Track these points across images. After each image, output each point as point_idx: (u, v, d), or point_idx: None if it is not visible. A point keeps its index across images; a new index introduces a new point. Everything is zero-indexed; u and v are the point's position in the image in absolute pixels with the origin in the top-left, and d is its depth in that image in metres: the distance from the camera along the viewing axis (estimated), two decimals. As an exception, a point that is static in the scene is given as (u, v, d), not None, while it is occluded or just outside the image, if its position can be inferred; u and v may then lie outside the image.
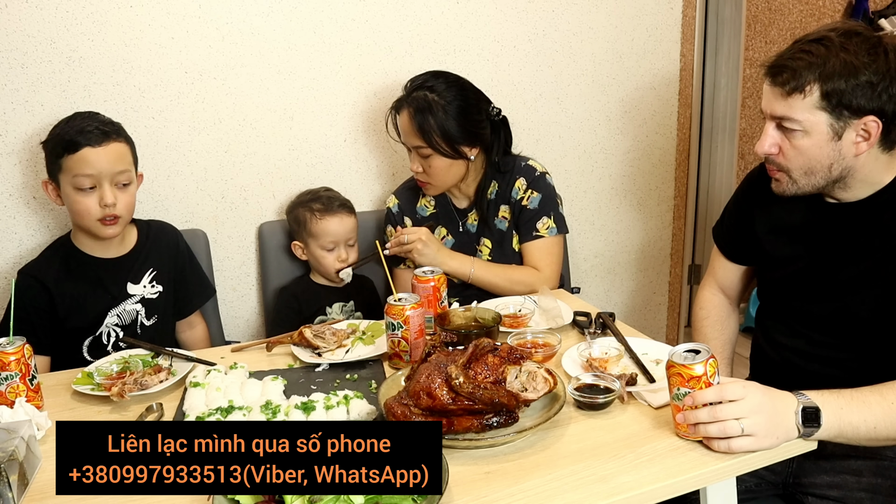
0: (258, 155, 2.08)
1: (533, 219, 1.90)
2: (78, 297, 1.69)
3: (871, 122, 1.24)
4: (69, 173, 1.60)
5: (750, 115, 2.94)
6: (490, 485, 1.03)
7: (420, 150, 1.84)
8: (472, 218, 1.98)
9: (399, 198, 2.03)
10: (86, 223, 1.64)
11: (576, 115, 2.45)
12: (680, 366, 1.08)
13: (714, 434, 1.07)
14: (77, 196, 1.61)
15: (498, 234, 1.95)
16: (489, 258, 1.95)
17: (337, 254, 1.94)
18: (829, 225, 1.40)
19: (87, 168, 1.59)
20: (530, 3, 2.28)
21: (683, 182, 2.71)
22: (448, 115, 1.80)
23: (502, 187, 1.94)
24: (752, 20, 2.83)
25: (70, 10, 1.81)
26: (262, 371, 1.48)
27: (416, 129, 1.81)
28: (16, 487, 1.02)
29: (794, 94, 1.25)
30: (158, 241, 1.81)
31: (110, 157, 1.61)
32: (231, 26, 1.96)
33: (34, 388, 1.31)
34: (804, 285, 1.43)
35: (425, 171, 1.86)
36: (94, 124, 1.62)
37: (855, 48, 1.22)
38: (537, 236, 1.91)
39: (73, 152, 1.58)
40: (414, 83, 1.85)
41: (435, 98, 1.80)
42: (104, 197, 1.60)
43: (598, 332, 1.56)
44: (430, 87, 1.82)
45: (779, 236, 1.48)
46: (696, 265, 3.00)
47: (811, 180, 1.32)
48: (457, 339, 1.41)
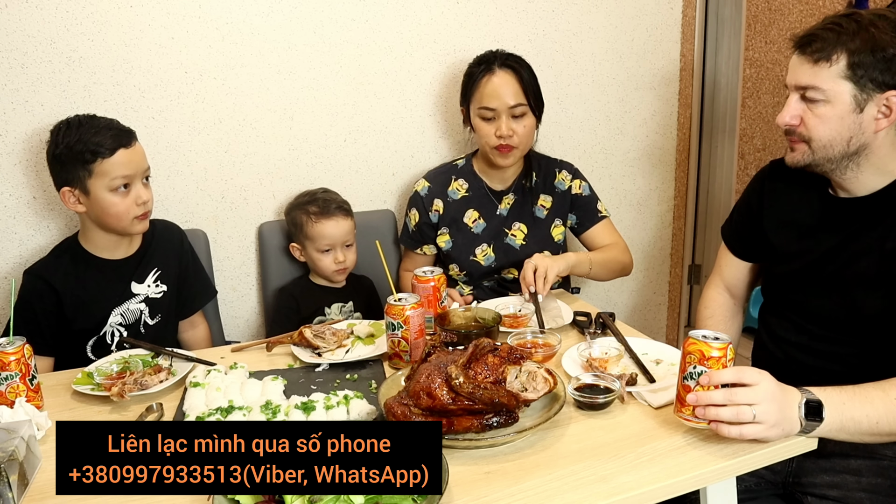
0: (258, 155, 2.08)
1: (590, 203, 2.03)
2: (84, 298, 1.68)
3: (894, 97, 1.27)
4: (105, 177, 1.60)
5: (750, 115, 2.94)
6: (490, 485, 1.03)
7: (516, 108, 1.88)
8: (507, 202, 2.01)
9: (430, 181, 2.05)
10: (122, 223, 1.65)
11: (576, 115, 2.45)
12: (701, 342, 1.09)
13: (727, 418, 1.07)
14: (114, 198, 1.62)
15: (534, 221, 2.01)
16: (523, 242, 1.99)
17: (334, 255, 1.94)
18: (837, 220, 1.41)
19: (125, 169, 1.62)
20: (530, 3, 2.28)
21: (683, 182, 2.71)
22: (534, 79, 1.92)
23: (541, 177, 2.02)
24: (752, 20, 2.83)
25: (70, 10, 1.81)
26: (262, 371, 1.48)
27: (520, 85, 1.88)
28: (16, 487, 1.02)
29: (822, 62, 1.28)
30: (163, 241, 1.82)
31: (141, 155, 1.67)
32: (231, 26, 1.96)
33: (34, 388, 1.31)
34: (810, 281, 1.44)
35: (515, 134, 1.89)
36: (116, 129, 1.64)
37: (883, 26, 1.26)
38: (602, 217, 2.04)
39: (107, 156, 1.59)
40: (500, 53, 1.93)
41: (522, 65, 1.91)
42: (140, 195, 1.64)
43: (598, 332, 1.56)
44: (515, 57, 1.92)
45: (787, 231, 1.49)
46: (696, 265, 3.00)
47: (827, 152, 1.34)
48: (457, 339, 1.41)
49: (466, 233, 2.01)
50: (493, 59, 1.91)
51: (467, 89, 1.94)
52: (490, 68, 1.89)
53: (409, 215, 2.07)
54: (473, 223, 2.01)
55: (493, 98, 1.87)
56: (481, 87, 1.89)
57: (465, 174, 2.04)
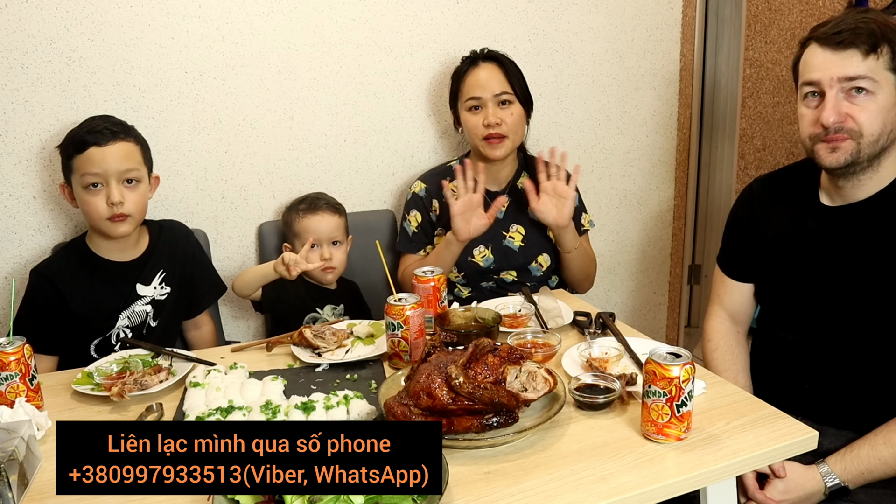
0: (258, 155, 2.08)
1: (577, 215, 2.00)
2: (90, 299, 1.68)
3: None
4: (78, 173, 1.63)
5: (750, 115, 2.94)
6: (490, 485, 1.03)
7: (502, 95, 1.92)
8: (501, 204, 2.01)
9: (427, 182, 2.07)
10: (96, 223, 1.66)
11: (576, 115, 2.45)
12: (656, 364, 1.08)
13: None
14: (86, 196, 1.63)
15: (531, 222, 2.02)
16: (522, 244, 2.01)
17: (319, 252, 1.93)
18: (832, 229, 1.41)
19: (93, 167, 1.61)
20: (530, 3, 2.28)
21: (683, 182, 2.71)
22: (519, 72, 1.96)
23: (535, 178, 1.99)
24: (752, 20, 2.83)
25: (70, 10, 1.81)
26: (262, 371, 1.48)
27: (503, 74, 1.92)
28: (16, 487, 1.02)
29: (871, 54, 1.28)
30: (169, 242, 1.82)
31: (116, 156, 1.63)
32: (231, 26, 1.96)
33: (34, 388, 1.31)
34: (809, 289, 1.44)
35: (503, 122, 1.91)
36: (103, 125, 1.65)
37: None
38: (584, 231, 2.07)
39: (81, 152, 1.61)
40: (482, 49, 2.00)
41: (506, 58, 1.97)
42: (111, 195, 1.62)
43: (598, 332, 1.56)
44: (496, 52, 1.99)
45: (783, 244, 1.48)
46: (696, 265, 3.00)
47: (874, 147, 1.32)
48: (457, 339, 1.41)
49: None
50: (476, 55, 1.98)
51: (455, 87, 2.01)
52: (475, 62, 1.97)
53: (409, 218, 2.06)
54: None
55: (478, 87, 1.93)
56: (467, 80, 1.96)
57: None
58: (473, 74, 1.95)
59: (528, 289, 1.85)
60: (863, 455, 1.30)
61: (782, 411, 1.20)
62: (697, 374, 1.16)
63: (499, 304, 1.70)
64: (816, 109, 1.34)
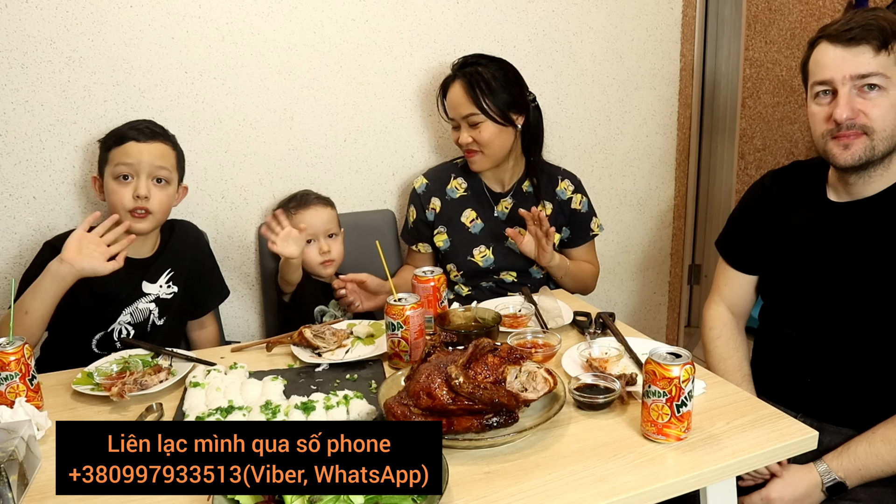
0: (258, 155, 2.08)
1: (586, 221, 2.05)
2: (95, 290, 1.67)
3: None
4: (112, 163, 1.68)
5: (750, 115, 2.94)
6: (490, 485, 1.03)
7: (470, 118, 1.90)
8: (504, 205, 2.02)
9: (428, 178, 2.07)
10: (119, 214, 1.66)
11: (576, 115, 2.45)
12: (656, 364, 1.08)
13: None
14: (114, 185, 1.67)
15: None
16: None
17: (318, 246, 1.93)
18: (838, 224, 1.42)
19: (128, 158, 1.66)
20: (530, 3, 2.28)
21: (683, 182, 2.71)
22: (496, 81, 1.91)
23: (543, 183, 2.02)
24: (752, 20, 2.83)
25: (70, 10, 1.81)
26: (262, 371, 1.48)
27: (468, 95, 1.90)
28: (16, 487, 1.02)
29: (882, 51, 1.29)
30: (180, 242, 1.83)
31: (152, 153, 1.68)
32: (231, 26, 1.96)
33: (34, 388, 1.31)
34: (813, 285, 1.44)
35: (475, 141, 1.91)
36: (146, 125, 1.72)
37: None
38: (593, 235, 2.08)
39: (119, 145, 1.67)
40: (461, 61, 1.97)
41: (481, 69, 1.92)
42: (138, 188, 1.66)
43: (598, 332, 1.56)
44: (474, 62, 1.94)
45: (791, 238, 1.49)
46: (696, 265, 3.00)
47: (888, 144, 1.33)
48: (457, 339, 1.41)
49: (464, 232, 2.01)
50: (454, 70, 1.97)
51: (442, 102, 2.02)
52: (453, 78, 1.95)
53: (409, 212, 2.10)
54: (471, 223, 2.02)
55: (451, 108, 1.96)
56: (446, 98, 1.97)
57: (464, 172, 2.05)
58: (449, 93, 1.95)
59: (528, 289, 1.85)
60: (860, 452, 1.30)
61: (783, 407, 1.21)
62: (697, 374, 1.16)
63: (499, 304, 1.70)
64: (829, 106, 1.34)
